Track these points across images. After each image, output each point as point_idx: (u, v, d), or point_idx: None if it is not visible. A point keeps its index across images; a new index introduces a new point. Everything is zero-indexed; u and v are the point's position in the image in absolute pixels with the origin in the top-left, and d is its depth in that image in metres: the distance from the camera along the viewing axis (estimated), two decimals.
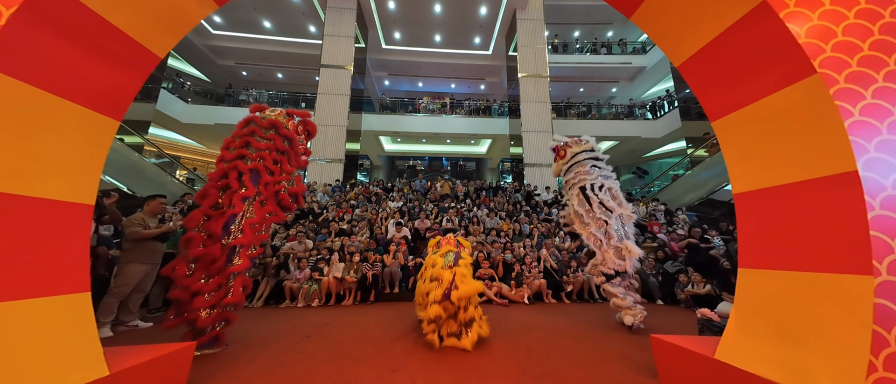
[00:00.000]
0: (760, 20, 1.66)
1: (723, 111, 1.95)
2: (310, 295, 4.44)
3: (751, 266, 1.73)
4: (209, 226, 2.48)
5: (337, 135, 10.16)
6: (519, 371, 2.14)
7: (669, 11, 2.09)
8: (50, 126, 1.47)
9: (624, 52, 14.25)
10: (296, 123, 3.04)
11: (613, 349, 2.58)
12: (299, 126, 3.07)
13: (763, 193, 1.73)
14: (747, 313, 1.68)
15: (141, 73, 1.93)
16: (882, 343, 1.24)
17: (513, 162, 12.73)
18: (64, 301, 1.44)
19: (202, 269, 2.41)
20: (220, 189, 2.60)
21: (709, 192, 8.14)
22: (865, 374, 1.22)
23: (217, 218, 2.49)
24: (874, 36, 1.54)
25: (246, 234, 2.51)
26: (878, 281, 1.27)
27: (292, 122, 3.01)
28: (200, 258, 2.39)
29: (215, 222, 2.47)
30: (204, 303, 2.34)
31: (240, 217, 2.55)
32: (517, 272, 4.90)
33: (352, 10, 11.38)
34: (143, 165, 8.21)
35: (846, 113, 1.44)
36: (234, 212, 2.52)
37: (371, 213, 7.01)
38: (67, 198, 1.52)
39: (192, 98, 12.45)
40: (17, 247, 1.32)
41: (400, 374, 2.07)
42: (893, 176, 1.36)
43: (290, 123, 2.98)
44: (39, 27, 1.42)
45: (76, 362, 1.39)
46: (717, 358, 1.63)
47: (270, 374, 2.07)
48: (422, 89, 17.25)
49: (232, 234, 2.50)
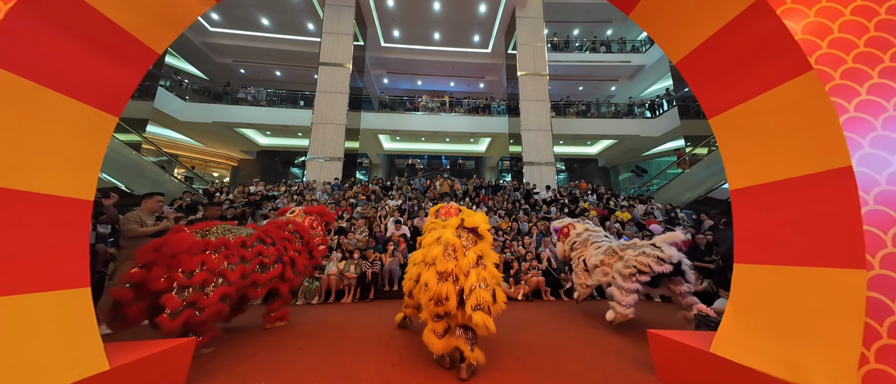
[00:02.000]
0: (758, 17, 1.67)
1: (720, 108, 1.96)
2: (310, 292, 4.45)
3: (746, 261, 1.75)
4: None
5: (336, 133, 10.14)
6: (517, 366, 2.15)
7: (668, 8, 2.09)
8: (48, 121, 1.47)
9: (623, 50, 14.25)
10: (311, 218, 3.37)
11: (611, 344, 2.61)
12: (315, 220, 3.39)
13: (759, 189, 1.74)
14: (742, 307, 1.70)
15: (139, 69, 1.93)
16: (874, 335, 1.26)
17: (512, 160, 12.74)
18: (64, 296, 1.45)
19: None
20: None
21: (707, 191, 8.18)
22: (857, 366, 1.24)
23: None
24: (870, 32, 1.55)
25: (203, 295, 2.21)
26: (870, 274, 1.29)
27: (310, 219, 3.34)
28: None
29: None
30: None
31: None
32: (516, 270, 4.92)
33: (350, 7, 11.33)
34: (141, 163, 8.18)
35: (841, 109, 1.45)
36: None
37: (370, 212, 7.02)
38: (66, 194, 1.52)
39: (189, 96, 12.39)
40: (16, 242, 1.32)
41: (399, 369, 2.08)
42: (887, 171, 1.38)
43: (307, 220, 3.31)
44: (37, 22, 1.41)
45: (77, 357, 1.39)
46: (712, 352, 1.65)
47: (271, 370, 2.08)
48: (421, 88, 17.21)
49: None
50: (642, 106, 13.61)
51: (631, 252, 3.09)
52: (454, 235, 2.12)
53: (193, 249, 2.23)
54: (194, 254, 2.22)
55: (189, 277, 2.16)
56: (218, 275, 2.29)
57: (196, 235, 2.34)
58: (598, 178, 16.54)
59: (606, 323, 3.30)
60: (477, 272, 1.97)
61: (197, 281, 2.17)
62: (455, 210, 2.62)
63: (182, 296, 2.12)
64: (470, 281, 1.94)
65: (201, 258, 2.24)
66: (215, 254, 2.32)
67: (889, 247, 1.30)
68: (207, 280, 2.22)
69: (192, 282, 2.15)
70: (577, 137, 14.09)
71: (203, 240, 2.31)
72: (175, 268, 2.14)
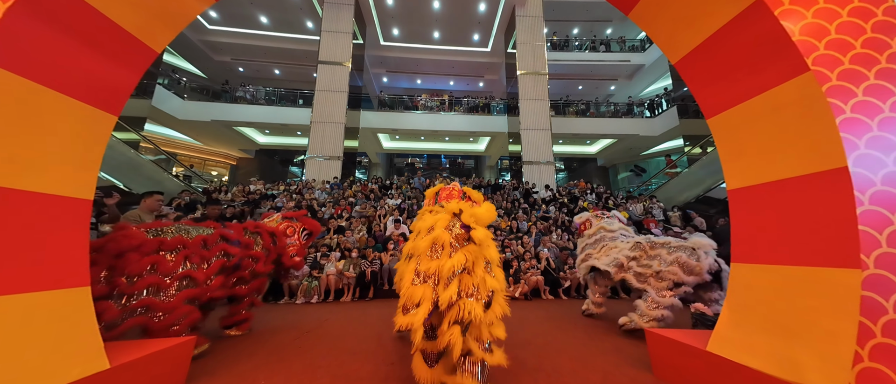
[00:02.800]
0: (756, 18, 1.68)
1: (718, 108, 1.97)
2: (309, 291, 4.46)
3: (743, 261, 1.76)
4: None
5: (335, 132, 10.12)
6: (516, 364, 2.16)
7: (666, 8, 2.10)
8: (47, 120, 1.47)
9: (623, 49, 14.25)
10: (288, 223, 3.21)
11: (609, 343, 2.62)
12: (293, 225, 3.23)
13: (756, 189, 1.76)
14: (739, 306, 1.72)
15: (138, 68, 1.92)
16: (868, 334, 1.27)
17: (511, 159, 12.75)
18: (64, 295, 1.45)
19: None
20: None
21: (705, 190, 8.21)
22: (852, 364, 1.26)
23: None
24: (867, 34, 1.56)
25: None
26: (865, 274, 1.30)
27: (284, 223, 3.18)
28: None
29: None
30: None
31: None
32: (515, 269, 4.94)
33: (350, 5, 11.29)
34: (140, 162, 8.16)
35: (838, 110, 1.46)
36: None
37: (370, 211, 7.02)
38: (65, 193, 1.52)
39: (188, 94, 12.34)
40: (15, 242, 1.33)
41: (398, 368, 2.09)
42: (882, 171, 1.39)
43: (282, 224, 3.15)
44: (36, 21, 1.41)
45: (77, 356, 1.40)
46: (708, 350, 1.67)
47: (270, 369, 2.09)
48: (420, 86, 17.18)
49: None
50: (641, 105, 13.62)
51: (664, 252, 2.71)
52: (445, 230, 1.68)
53: (144, 249, 1.99)
54: (144, 254, 1.98)
55: (132, 283, 1.92)
56: (180, 277, 2.07)
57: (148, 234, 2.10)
58: (597, 178, 16.57)
59: (605, 322, 3.31)
60: (462, 280, 1.55)
61: (142, 285, 1.93)
62: (458, 193, 2.18)
63: (119, 304, 1.87)
64: (449, 291, 1.50)
65: (152, 259, 2.00)
66: (171, 255, 2.08)
67: (884, 247, 1.31)
68: (160, 283, 1.99)
69: (136, 288, 1.92)
70: (577, 136, 14.10)
71: (157, 240, 2.08)
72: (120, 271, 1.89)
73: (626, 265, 2.93)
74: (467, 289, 1.56)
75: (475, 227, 1.69)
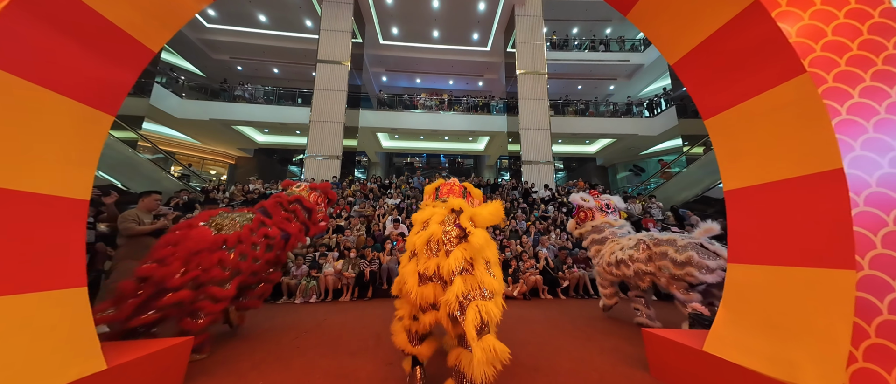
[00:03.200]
0: (753, 19, 1.68)
1: (716, 109, 1.98)
2: (308, 291, 4.46)
3: (739, 261, 1.77)
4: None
5: (334, 131, 10.10)
6: (514, 363, 2.17)
7: (664, 9, 2.10)
8: (43, 120, 1.46)
9: (622, 49, 14.25)
10: (317, 195, 3.38)
11: (607, 343, 2.63)
12: (320, 196, 3.41)
13: (752, 190, 1.76)
14: (735, 307, 1.73)
15: (135, 68, 1.92)
16: (862, 334, 1.28)
17: (510, 159, 12.75)
18: (60, 295, 1.45)
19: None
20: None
21: (704, 190, 8.23)
22: (846, 364, 1.27)
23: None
24: (863, 35, 1.57)
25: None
26: (860, 275, 1.31)
27: (314, 195, 3.34)
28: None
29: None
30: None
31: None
32: (514, 269, 4.95)
33: (349, 4, 11.25)
34: (138, 161, 8.13)
35: (834, 111, 1.47)
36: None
37: (369, 210, 7.02)
38: (62, 193, 1.52)
39: (186, 93, 12.29)
40: (11, 242, 1.32)
41: (396, 368, 2.10)
42: (878, 173, 1.40)
43: (312, 196, 3.31)
44: (32, 21, 1.40)
45: (74, 356, 1.40)
46: (705, 350, 1.68)
47: (269, 369, 2.09)
48: (419, 86, 17.16)
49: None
50: (640, 105, 13.64)
51: (671, 250, 2.63)
52: (440, 226, 1.64)
53: (213, 246, 2.27)
54: (213, 251, 2.26)
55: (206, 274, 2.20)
56: (233, 270, 2.35)
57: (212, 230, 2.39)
58: (596, 177, 16.60)
59: (603, 321, 3.33)
60: (467, 280, 1.50)
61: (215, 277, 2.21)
62: (459, 189, 2.09)
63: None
64: (455, 290, 1.46)
65: (220, 255, 2.28)
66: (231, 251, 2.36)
67: (878, 248, 1.32)
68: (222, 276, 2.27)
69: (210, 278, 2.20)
70: (576, 136, 14.11)
71: (221, 236, 2.36)
72: (194, 266, 2.16)
73: (630, 264, 2.97)
74: (473, 288, 1.51)
75: (471, 231, 1.62)
